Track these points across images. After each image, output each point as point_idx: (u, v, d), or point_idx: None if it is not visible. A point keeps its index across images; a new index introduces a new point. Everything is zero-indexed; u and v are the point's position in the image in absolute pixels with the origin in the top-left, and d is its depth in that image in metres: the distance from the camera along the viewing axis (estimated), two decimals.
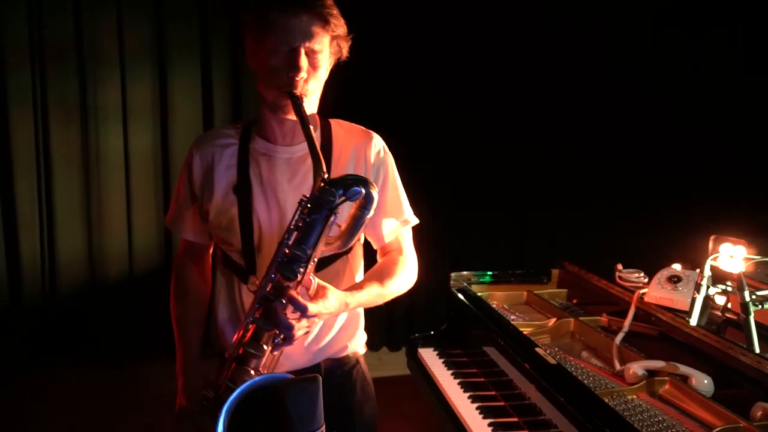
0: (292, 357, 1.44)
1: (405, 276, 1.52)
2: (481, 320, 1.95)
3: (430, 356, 2.10)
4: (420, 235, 4.22)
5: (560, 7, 3.83)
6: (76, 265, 3.73)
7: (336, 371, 1.55)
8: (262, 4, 1.33)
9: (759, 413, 1.32)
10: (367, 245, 1.60)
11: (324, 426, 0.96)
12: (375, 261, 1.57)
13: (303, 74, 1.32)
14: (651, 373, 1.55)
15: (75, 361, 3.68)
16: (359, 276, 1.55)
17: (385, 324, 4.04)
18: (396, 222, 1.54)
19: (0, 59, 3.47)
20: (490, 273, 2.28)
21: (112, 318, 3.73)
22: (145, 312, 3.70)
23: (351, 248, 1.51)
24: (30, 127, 3.55)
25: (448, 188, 3.96)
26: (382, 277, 1.46)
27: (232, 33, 3.66)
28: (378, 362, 4.00)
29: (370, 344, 4.46)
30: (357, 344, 1.61)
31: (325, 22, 1.34)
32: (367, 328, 4.24)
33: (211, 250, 1.61)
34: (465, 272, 2.26)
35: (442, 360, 2.06)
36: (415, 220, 1.59)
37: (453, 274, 2.25)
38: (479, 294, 2.17)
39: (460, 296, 2.14)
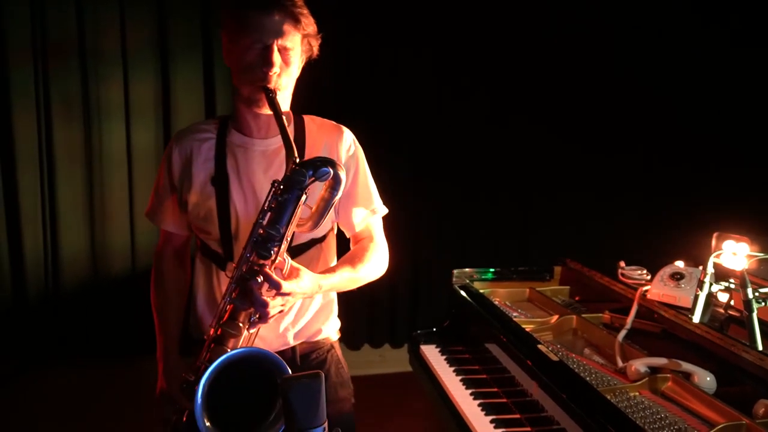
0: (267, 339, 1.50)
1: (376, 261, 1.56)
2: (483, 317, 1.95)
3: (432, 353, 2.10)
4: (422, 232, 4.22)
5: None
6: (79, 262, 3.74)
7: (310, 354, 1.60)
8: (238, 4, 1.41)
9: (762, 410, 1.32)
10: (342, 239, 1.65)
11: (327, 423, 0.96)
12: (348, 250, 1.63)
13: (276, 69, 1.39)
14: (653, 370, 1.55)
15: (78, 358, 3.69)
16: (333, 263, 1.60)
17: (387, 321, 4.05)
18: (366, 211, 1.59)
19: (3, 57, 3.47)
20: (492, 270, 2.28)
21: (115, 314, 3.74)
22: (148, 308, 3.71)
23: (325, 237, 1.57)
24: (33, 125, 3.56)
25: (451, 185, 3.95)
26: (354, 261, 1.51)
27: None
28: (380, 359, 4.00)
29: (372, 341, 4.47)
30: (331, 329, 1.65)
31: (296, 21, 1.41)
32: (369, 326, 4.27)
33: (189, 242, 1.67)
34: (467, 269, 2.27)
35: (444, 357, 2.07)
36: (384, 210, 1.64)
37: (455, 271, 2.25)
38: (481, 291, 2.17)
39: (463, 293, 2.14)
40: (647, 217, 3.93)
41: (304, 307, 1.56)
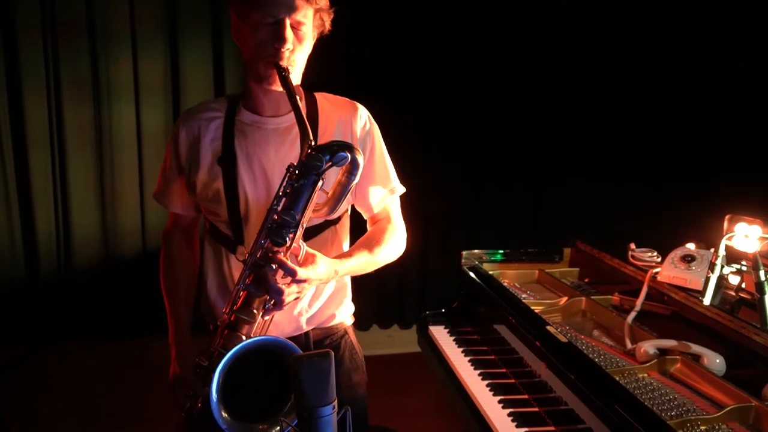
0: (281, 325, 1.46)
1: (394, 244, 1.53)
2: (492, 298, 1.95)
3: (440, 334, 2.11)
4: (432, 213, 4.23)
5: None
6: (91, 242, 3.78)
7: (324, 340, 1.57)
8: None
9: None
10: (355, 217, 1.62)
11: (336, 401, 0.97)
12: (365, 231, 1.59)
13: (289, 45, 1.33)
14: (662, 352, 1.55)
15: (90, 336, 3.74)
16: (347, 245, 1.57)
17: (396, 302, 4.06)
18: (384, 191, 1.55)
19: (13, 38, 3.47)
20: (501, 252, 2.28)
21: (126, 294, 3.78)
22: (159, 288, 3.74)
23: (339, 218, 1.53)
24: (43, 106, 3.57)
25: (462, 167, 3.94)
26: (371, 245, 1.47)
27: None
28: (389, 340, 4.03)
29: (381, 322, 4.50)
30: (345, 314, 1.62)
31: None
32: (378, 306, 4.28)
33: (198, 223, 1.64)
34: (476, 251, 2.26)
35: (452, 338, 2.07)
36: (402, 189, 1.59)
37: (464, 253, 2.25)
38: (490, 272, 2.17)
39: (472, 274, 2.14)
40: (659, 199, 3.90)
41: (318, 291, 1.53)
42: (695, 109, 3.91)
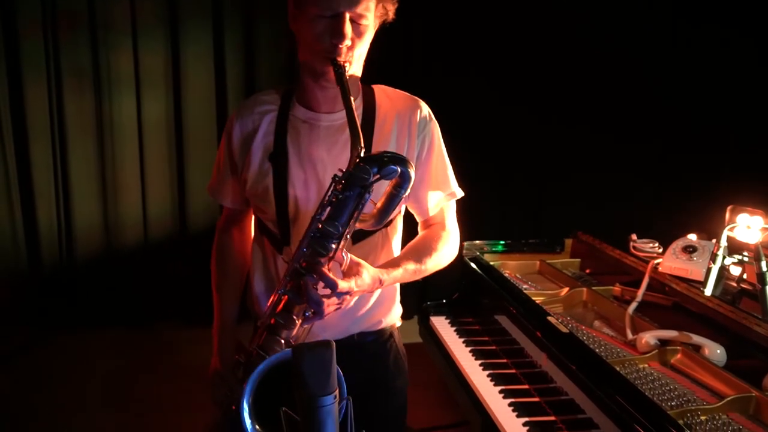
0: (327, 329, 1.40)
1: (445, 253, 1.45)
2: (493, 289, 1.96)
3: (442, 324, 2.12)
4: None
5: None
6: (93, 233, 3.78)
7: (369, 343, 1.51)
8: None
9: None
10: (407, 217, 1.55)
11: (338, 391, 0.97)
12: (416, 233, 1.52)
13: (347, 42, 1.25)
14: (663, 343, 1.55)
15: (92, 327, 3.75)
16: (398, 250, 1.50)
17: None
18: (441, 194, 1.47)
19: (13, 28, 3.46)
20: (502, 242, 2.28)
21: (128, 284, 3.79)
22: (160, 279, 3.77)
23: (391, 221, 1.45)
24: (44, 96, 3.57)
25: (464, 159, 3.91)
26: (420, 254, 1.40)
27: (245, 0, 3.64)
28: None
29: None
30: (393, 318, 1.55)
31: None
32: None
33: (251, 218, 1.58)
34: (478, 241, 2.26)
35: (454, 328, 2.08)
36: (461, 193, 1.52)
37: (466, 243, 2.25)
38: (492, 263, 2.17)
39: (473, 265, 2.14)
40: (660, 190, 3.89)
41: (366, 297, 1.46)
42: (697, 102, 3.89)
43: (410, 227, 1.54)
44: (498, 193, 4.01)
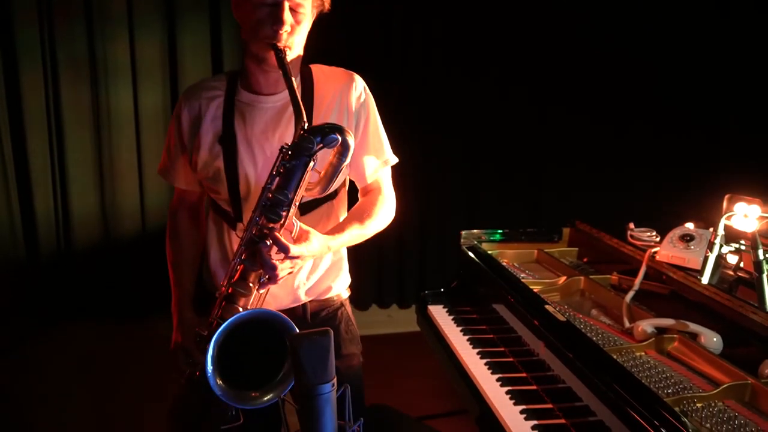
0: (279, 297, 1.52)
1: (383, 215, 1.56)
2: (491, 278, 1.96)
3: (440, 313, 2.12)
4: (432, 193, 4.22)
5: None
6: (90, 222, 3.78)
7: (321, 312, 1.62)
8: None
9: (767, 370, 1.32)
10: (353, 190, 1.64)
11: (335, 379, 0.97)
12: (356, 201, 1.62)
13: (287, 27, 1.34)
14: (660, 331, 1.56)
15: (90, 316, 3.76)
16: (343, 218, 1.60)
17: (395, 281, 4.08)
18: (377, 161, 1.57)
19: (9, 17, 3.43)
20: (500, 231, 2.28)
21: (126, 274, 3.79)
22: (159, 268, 3.76)
23: (336, 192, 1.56)
24: (40, 86, 3.55)
25: (463, 147, 3.93)
26: (362, 217, 1.51)
27: None
28: (388, 319, 4.05)
29: (380, 301, 4.51)
30: (341, 286, 1.66)
31: None
32: (377, 286, 4.28)
33: (204, 198, 1.67)
34: (475, 230, 2.27)
35: (452, 317, 2.08)
36: (395, 159, 1.61)
37: (464, 232, 2.25)
38: (490, 252, 2.18)
39: (471, 254, 2.15)
40: (658, 179, 3.89)
41: (315, 264, 1.57)
42: (695, 91, 3.89)
43: (352, 200, 1.63)
44: (496, 182, 4.01)
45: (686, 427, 1.11)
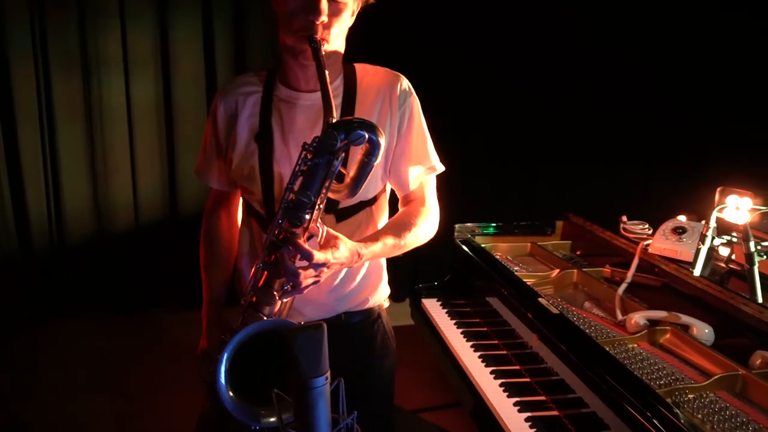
0: (313, 306, 1.42)
1: (425, 228, 1.45)
2: (484, 271, 1.97)
3: (434, 307, 2.13)
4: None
5: None
6: (83, 216, 3.76)
7: (357, 324, 1.51)
8: None
9: (758, 361, 1.34)
10: (392, 199, 1.55)
11: (329, 373, 0.97)
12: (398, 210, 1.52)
13: (323, 18, 1.25)
14: (653, 323, 1.57)
15: (83, 310, 3.75)
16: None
17: (390, 275, 4.07)
18: (421, 168, 1.46)
19: (0, 10, 3.40)
20: (494, 225, 2.28)
21: (120, 267, 3.78)
22: (152, 262, 3.76)
23: (375, 198, 1.45)
24: (32, 79, 3.52)
25: (456, 141, 3.92)
26: (399, 229, 1.40)
27: None
28: None
29: None
30: (380, 297, 1.56)
31: None
32: None
33: (239, 200, 1.59)
34: (469, 224, 2.27)
35: (445, 310, 2.09)
36: (442, 168, 1.51)
37: (457, 226, 2.25)
38: (483, 245, 2.18)
39: (464, 248, 2.15)
40: (651, 172, 3.90)
41: (352, 274, 1.46)
42: (687, 84, 3.90)
43: (395, 208, 1.54)
44: (490, 175, 4.01)
45: (678, 418, 1.12)
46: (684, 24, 3.83)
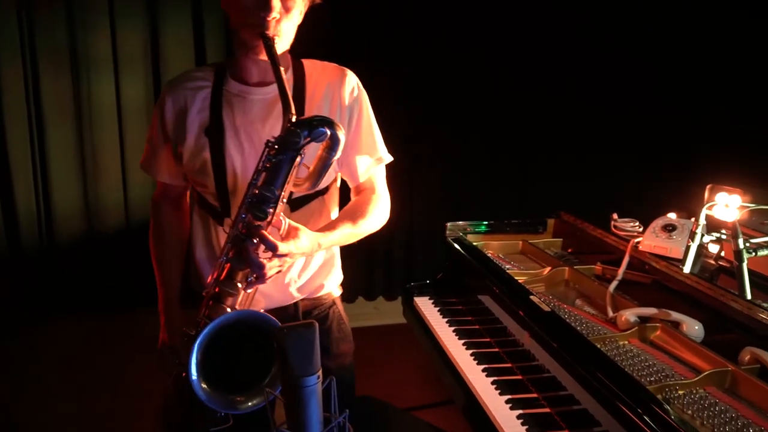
0: (270, 295, 1.48)
1: (377, 215, 1.53)
2: (476, 269, 1.97)
3: (425, 305, 2.13)
4: (418, 184, 4.22)
5: None
6: (73, 215, 3.74)
7: (313, 310, 1.59)
8: None
9: (747, 357, 1.35)
10: (345, 186, 1.61)
11: (321, 371, 0.97)
12: (349, 200, 1.59)
13: (275, 14, 1.30)
14: (643, 320, 1.57)
15: (73, 310, 3.73)
16: (335, 215, 1.57)
17: (382, 273, 4.08)
18: (370, 160, 1.54)
19: None
20: (485, 223, 2.29)
21: (110, 267, 3.76)
22: (143, 261, 3.72)
23: (327, 188, 1.52)
24: (20, 77, 3.49)
25: (447, 139, 3.93)
26: (354, 216, 1.47)
27: None
28: (374, 311, 4.06)
29: (367, 293, 4.51)
30: (333, 284, 1.63)
31: None
32: (364, 278, 4.27)
33: (188, 192, 1.63)
34: (461, 222, 2.27)
35: (437, 308, 2.09)
36: (389, 158, 1.58)
37: (449, 224, 2.25)
38: (475, 243, 2.18)
39: (456, 246, 2.15)
40: (641, 170, 3.93)
41: (307, 262, 1.53)
42: (677, 81, 3.92)
43: (345, 198, 1.60)
44: (481, 174, 4.02)
45: (668, 414, 1.13)
46: (674, 22, 3.86)
